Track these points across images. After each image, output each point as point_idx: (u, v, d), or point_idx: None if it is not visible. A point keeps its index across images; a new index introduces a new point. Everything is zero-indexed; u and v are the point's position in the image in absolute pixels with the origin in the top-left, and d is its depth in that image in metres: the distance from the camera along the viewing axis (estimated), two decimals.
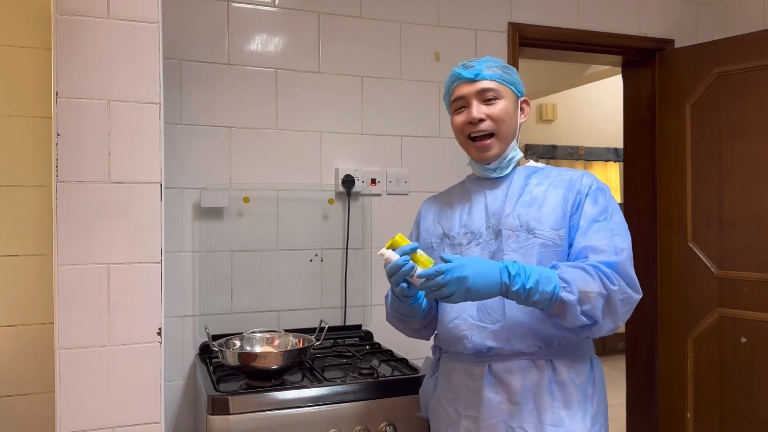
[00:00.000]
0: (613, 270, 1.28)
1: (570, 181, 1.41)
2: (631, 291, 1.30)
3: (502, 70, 1.45)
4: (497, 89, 1.43)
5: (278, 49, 2.21)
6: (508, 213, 1.41)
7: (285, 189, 2.21)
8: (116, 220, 1.36)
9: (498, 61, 1.47)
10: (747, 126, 2.50)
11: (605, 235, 1.33)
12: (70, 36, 1.33)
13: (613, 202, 1.40)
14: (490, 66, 1.45)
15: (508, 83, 1.45)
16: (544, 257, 1.35)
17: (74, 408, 1.33)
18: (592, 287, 1.24)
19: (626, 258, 1.32)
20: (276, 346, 1.88)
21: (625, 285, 1.29)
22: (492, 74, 1.43)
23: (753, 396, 2.47)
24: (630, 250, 1.34)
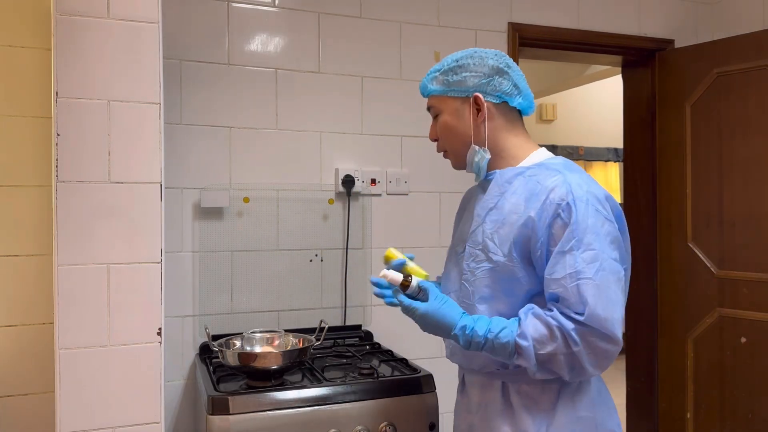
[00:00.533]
0: (579, 325, 1.12)
1: (535, 195, 1.22)
2: (603, 344, 1.13)
3: (439, 78, 1.33)
4: (436, 105, 1.35)
5: (278, 49, 2.21)
6: (477, 226, 1.31)
7: (285, 189, 2.21)
8: (116, 220, 1.36)
9: (444, 65, 1.34)
10: (747, 126, 2.50)
11: (570, 278, 1.14)
12: (70, 36, 1.33)
13: (590, 219, 1.17)
14: (434, 77, 1.35)
15: (444, 92, 1.33)
16: (491, 282, 1.25)
17: (74, 408, 1.33)
18: (550, 349, 1.14)
19: (593, 306, 1.12)
20: (276, 346, 1.88)
21: (597, 340, 1.12)
22: (433, 88, 1.35)
23: (753, 396, 2.47)
24: (604, 287, 1.14)
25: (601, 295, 1.13)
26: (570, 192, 1.18)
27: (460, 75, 1.31)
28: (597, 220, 1.17)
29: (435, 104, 1.36)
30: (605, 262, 1.15)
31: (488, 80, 1.31)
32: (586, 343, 1.13)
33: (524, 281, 1.23)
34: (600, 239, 1.16)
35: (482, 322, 1.20)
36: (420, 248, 2.35)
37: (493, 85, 1.31)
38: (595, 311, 1.12)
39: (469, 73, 1.31)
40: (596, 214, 1.18)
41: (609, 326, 1.12)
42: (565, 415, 1.24)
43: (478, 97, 1.30)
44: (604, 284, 1.14)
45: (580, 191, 1.19)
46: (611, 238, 1.19)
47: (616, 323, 1.13)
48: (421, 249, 2.35)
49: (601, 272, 1.15)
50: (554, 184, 1.21)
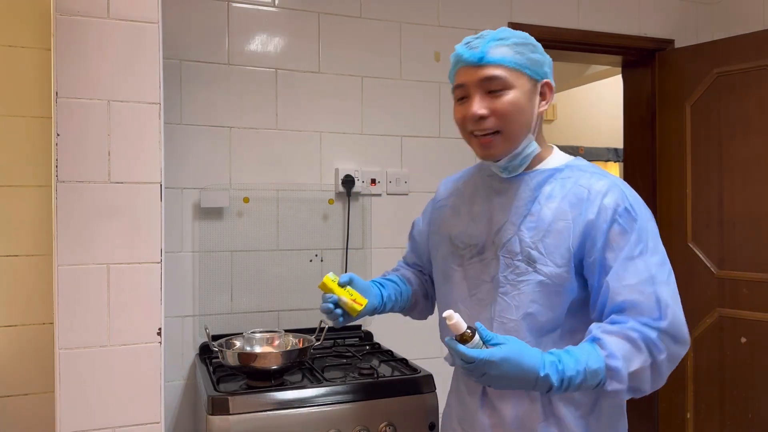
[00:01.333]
0: (660, 333, 1.08)
1: (586, 200, 1.15)
2: (678, 348, 1.11)
3: (514, 49, 1.17)
4: (504, 78, 1.16)
5: (278, 49, 2.21)
6: (510, 236, 1.20)
7: (285, 189, 2.21)
8: (116, 220, 1.36)
9: (510, 36, 1.19)
10: (747, 126, 2.50)
11: (646, 283, 1.09)
12: (70, 36, 1.33)
13: (649, 223, 1.15)
14: (499, 44, 1.17)
15: (522, 66, 1.17)
16: (540, 297, 1.15)
17: (74, 408, 1.33)
18: (639, 364, 1.07)
19: (673, 311, 1.09)
20: (276, 346, 1.88)
21: (674, 345, 1.10)
22: (499, 58, 1.16)
23: (753, 396, 2.47)
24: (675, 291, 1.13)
25: (677, 298, 1.12)
26: (625, 197, 1.14)
27: (527, 56, 1.18)
28: (653, 224, 1.15)
29: (507, 77, 1.16)
30: (670, 267, 1.15)
31: (550, 71, 1.23)
32: (667, 351, 1.09)
33: (570, 292, 1.15)
34: (660, 243, 1.15)
35: (563, 355, 1.06)
36: None
37: (551, 78, 1.24)
38: (676, 315, 1.10)
39: (542, 57, 1.21)
40: (652, 218, 1.16)
41: (685, 330, 1.11)
42: (601, 415, 1.20)
43: (551, 84, 1.22)
44: (675, 288, 1.13)
45: (633, 196, 1.16)
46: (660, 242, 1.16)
47: (686, 325, 1.12)
48: None
49: (671, 276, 1.14)
50: (605, 188, 1.15)
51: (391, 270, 1.57)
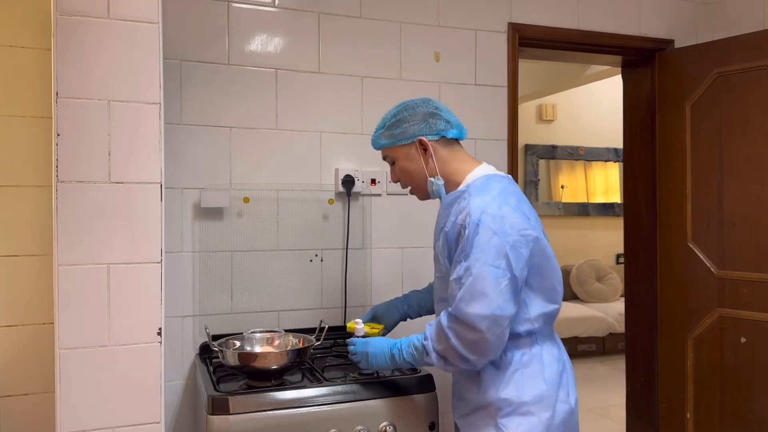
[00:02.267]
0: (452, 321, 1.45)
1: (455, 218, 1.53)
2: (470, 335, 1.43)
3: (387, 133, 1.62)
4: (390, 155, 1.65)
5: (278, 49, 2.22)
6: (435, 243, 1.65)
7: (285, 189, 2.21)
8: (116, 220, 1.36)
9: (384, 123, 1.64)
10: (747, 126, 2.50)
11: (454, 282, 1.47)
12: (70, 36, 1.33)
13: (480, 234, 1.44)
14: (379, 134, 1.65)
15: (393, 143, 1.61)
16: (443, 288, 1.58)
17: (74, 408, 1.33)
18: (442, 346, 1.47)
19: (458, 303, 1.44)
20: (276, 346, 1.88)
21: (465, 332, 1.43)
22: (382, 142, 1.64)
23: (753, 396, 2.47)
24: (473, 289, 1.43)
25: (466, 293, 1.43)
26: (468, 214, 1.48)
27: (401, 127, 1.60)
28: (484, 236, 1.44)
29: (389, 154, 1.66)
30: (476, 269, 1.43)
31: (424, 124, 1.59)
32: (455, 335, 1.45)
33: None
34: (482, 253, 1.43)
35: (404, 339, 1.57)
36: (420, 248, 2.35)
37: (429, 126, 1.59)
38: (458, 306, 1.44)
39: (407, 123, 1.60)
40: (486, 231, 1.44)
41: (470, 318, 1.42)
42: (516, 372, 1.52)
43: (422, 139, 1.59)
44: (474, 284, 1.42)
45: (476, 214, 1.46)
46: (495, 250, 1.43)
47: (477, 316, 1.41)
48: (420, 249, 2.35)
49: (471, 277, 1.43)
50: (462, 207, 1.51)
51: None
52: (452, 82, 2.43)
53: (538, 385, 1.51)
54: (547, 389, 1.51)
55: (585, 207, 6.39)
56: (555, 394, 1.52)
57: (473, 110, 2.45)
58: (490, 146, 2.46)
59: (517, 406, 1.49)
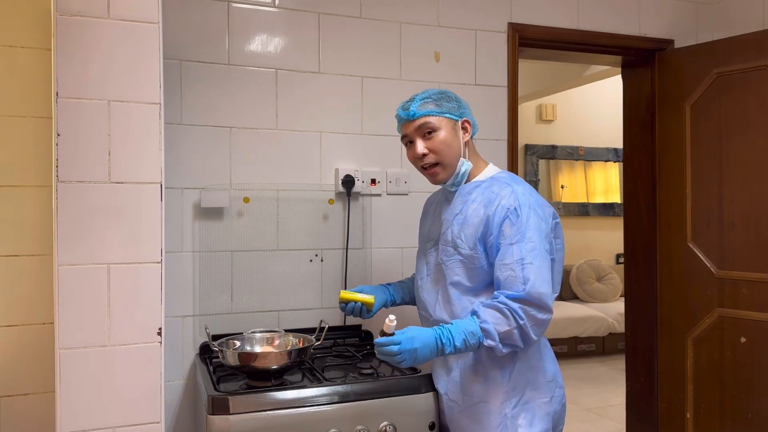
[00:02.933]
0: (521, 302, 1.48)
1: (491, 202, 1.58)
2: (540, 315, 1.49)
3: (434, 103, 1.65)
4: (432, 123, 1.64)
5: (278, 50, 2.22)
6: (446, 228, 1.67)
7: (285, 189, 2.21)
8: (116, 220, 1.36)
9: (431, 94, 1.66)
10: (747, 126, 2.50)
11: (515, 264, 1.51)
12: (70, 36, 1.34)
13: (531, 220, 1.53)
14: (423, 102, 1.66)
15: (443, 113, 1.64)
16: (464, 272, 1.61)
17: (74, 408, 1.34)
18: (507, 327, 1.47)
19: (533, 283, 1.48)
20: (276, 346, 1.88)
21: (535, 312, 1.48)
22: (425, 110, 1.64)
23: (753, 396, 2.47)
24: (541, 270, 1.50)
25: (541, 276, 1.50)
26: (517, 199, 1.56)
27: (452, 102, 1.67)
28: (535, 221, 1.54)
29: (433, 122, 1.64)
30: (539, 252, 1.52)
31: (466, 110, 1.70)
32: (528, 316, 1.48)
33: (481, 268, 1.59)
34: (537, 235, 1.53)
35: (450, 326, 1.50)
36: None
37: (468, 115, 1.69)
38: (535, 288, 1.48)
39: (455, 103, 1.68)
40: (535, 216, 1.55)
41: (544, 298, 1.49)
42: (522, 364, 1.60)
43: (468, 121, 1.68)
44: (540, 267, 1.50)
45: (524, 199, 1.56)
46: (545, 234, 1.56)
47: (548, 296, 1.50)
48: None
49: (538, 258, 1.51)
50: (505, 193, 1.58)
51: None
52: (452, 82, 2.43)
53: (540, 373, 1.62)
54: (547, 377, 1.63)
55: (585, 207, 6.39)
56: (554, 380, 1.64)
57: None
58: (490, 146, 2.46)
59: (521, 396, 1.58)
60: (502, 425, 1.56)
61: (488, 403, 1.58)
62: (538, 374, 1.61)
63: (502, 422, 1.56)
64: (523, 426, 1.56)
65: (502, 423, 1.56)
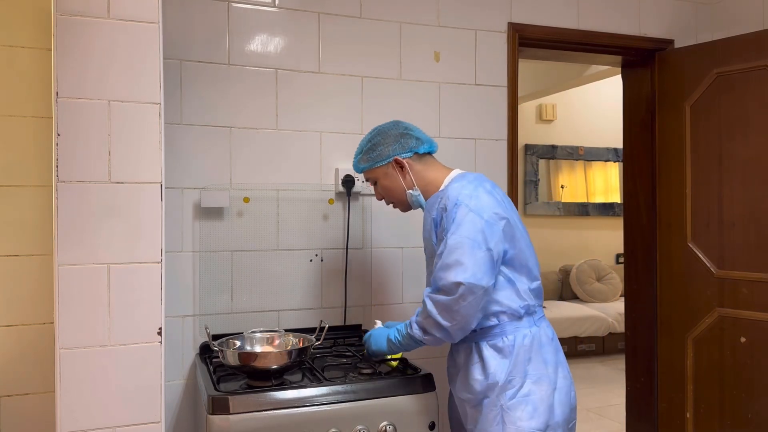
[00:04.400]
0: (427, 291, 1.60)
1: (437, 206, 1.67)
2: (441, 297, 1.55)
3: (365, 157, 1.77)
4: (371, 176, 1.80)
5: (278, 50, 2.22)
6: (425, 247, 1.79)
7: (285, 189, 2.21)
8: (116, 220, 1.36)
9: (362, 148, 1.79)
10: (747, 126, 2.50)
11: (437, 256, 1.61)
12: (70, 36, 1.33)
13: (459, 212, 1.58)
14: (358, 160, 1.80)
15: (371, 165, 1.76)
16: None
17: (74, 408, 1.34)
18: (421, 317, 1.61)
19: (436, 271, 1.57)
20: (276, 345, 1.88)
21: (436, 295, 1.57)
22: (362, 166, 1.79)
23: (753, 396, 2.47)
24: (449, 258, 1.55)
25: (443, 263, 1.56)
26: (447, 198, 1.64)
27: (376, 150, 1.75)
28: (461, 214, 1.58)
29: (370, 176, 1.81)
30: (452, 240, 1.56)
31: (397, 144, 1.75)
32: (432, 302, 1.57)
33: None
34: (459, 226, 1.57)
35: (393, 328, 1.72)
36: (419, 248, 2.35)
37: (401, 146, 1.75)
38: (436, 275, 1.57)
39: (382, 146, 1.75)
40: (461, 209, 1.59)
41: (445, 284, 1.54)
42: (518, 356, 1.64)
43: (397, 158, 1.75)
44: (449, 256, 1.55)
45: (453, 196, 1.62)
46: (471, 224, 1.57)
47: (452, 283, 1.53)
48: (420, 249, 2.35)
49: (447, 248, 1.56)
50: (441, 197, 1.67)
51: None
52: (452, 82, 2.43)
53: (539, 366, 1.64)
54: (547, 370, 1.65)
55: (585, 207, 6.39)
56: (555, 373, 1.66)
57: (473, 110, 2.46)
58: (490, 146, 2.46)
59: (519, 388, 1.61)
60: (499, 417, 1.60)
61: (489, 397, 1.63)
62: (538, 366, 1.64)
63: (499, 414, 1.60)
64: (522, 419, 1.59)
65: (498, 415, 1.60)
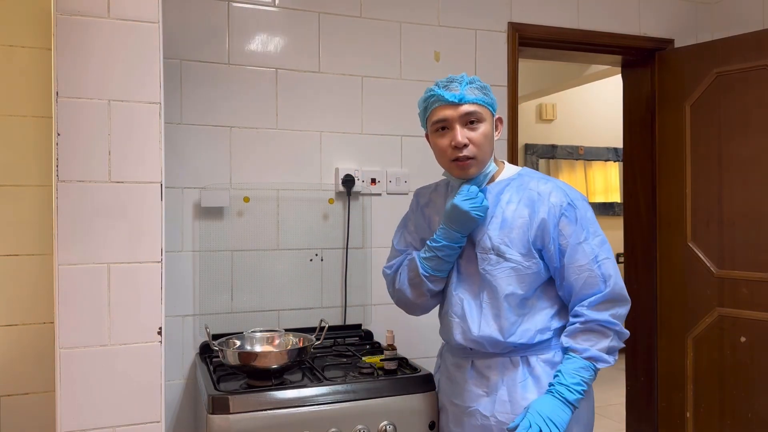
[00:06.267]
0: (607, 304, 1.42)
1: (537, 201, 1.47)
2: (620, 308, 1.44)
3: (482, 91, 1.49)
4: (480, 112, 1.47)
5: (278, 49, 2.22)
6: (482, 236, 1.49)
7: (285, 189, 2.21)
8: (116, 220, 1.36)
9: (476, 80, 1.51)
10: (746, 126, 2.50)
11: (591, 263, 1.43)
12: (70, 36, 1.33)
13: (588, 212, 1.47)
14: (472, 88, 1.48)
15: (488, 104, 1.49)
16: (517, 281, 1.46)
17: (74, 408, 1.33)
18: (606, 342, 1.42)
19: (615, 279, 1.43)
20: (276, 345, 1.88)
21: (619, 309, 1.44)
22: (474, 97, 1.47)
23: (753, 396, 2.47)
24: (613, 260, 1.46)
25: (614, 269, 1.44)
26: (566, 195, 1.47)
27: (490, 97, 1.51)
28: (591, 213, 1.48)
29: (480, 112, 1.47)
30: (608, 244, 1.46)
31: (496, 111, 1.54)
32: (617, 317, 1.42)
33: (536, 274, 1.47)
34: (598, 227, 1.47)
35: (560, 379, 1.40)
36: None
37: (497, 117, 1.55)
38: (616, 283, 1.42)
39: (493, 98, 1.53)
40: (589, 208, 1.48)
41: (624, 292, 1.44)
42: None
43: (501, 119, 1.55)
44: (613, 260, 1.44)
45: (573, 193, 1.48)
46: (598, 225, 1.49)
47: (624, 286, 1.45)
48: None
49: (610, 251, 1.45)
50: (549, 189, 1.48)
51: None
52: None
53: None
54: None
55: None
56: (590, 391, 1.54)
57: None
58: None
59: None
60: None
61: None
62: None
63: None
64: None
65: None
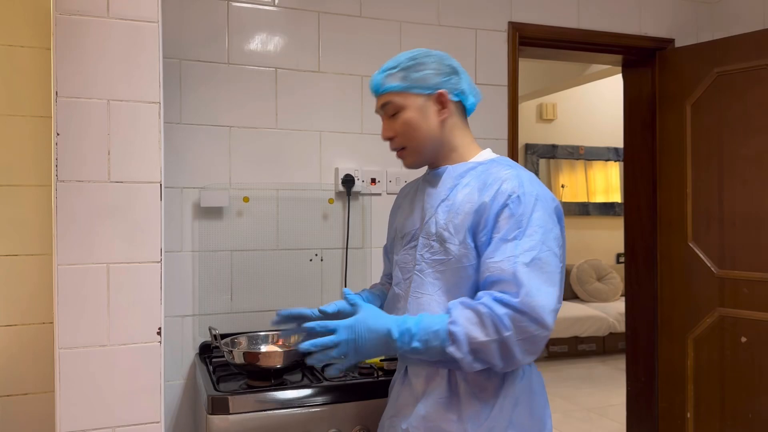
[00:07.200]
0: (511, 309, 1.14)
1: (488, 186, 1.26)
2: (534, 328, 1.14)
3: (404, 72, 1.33)
4: (397, 102, 1.34)
5: (278, 49, 2.21)
6: (429, 217, 1.33)
7: (285, 189, 2.21)
8: (116, 220, 1.36)
9: (401, 62, 1.34)
10: (747, 125, 2.50)
11: (510, 262, 1.17)
12: (70, 36, 1.33)
13: (536, 213, 1.22)
14: (389, 74, 1.34)
15: (408, 88, 1.33)
16: (451, 275, 1.28)
17: (74, 408, 1.33)
18: (482, 337, 1.15)
19: (527, 292, 1.14)
20: (281, 345, 1.88)
21: (528, 323, 1.14)
22: (391, 85, 1.34)
23: (753, 396, 2.47)
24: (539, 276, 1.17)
25: (539, 284, 1.16)
26: (521, 185, 1.24)
27: (421, 72, 1.33)
28: (541, 215, 1.22)
29: (396, 100, 1.34)
30: (544, 254, 1.19)
31: (448, 78, 1.35)
32: (516, 329, 1.14)
33: (471, 268, 1.26)
34: (542, 232, 1.21)
35: (416, 320, 1.20)
36: None
37: (452, 84, 1.35)
38: (531, 296, 1.14)
39: (429, 70, 1.34)
40: (542, 210, 1.23)
41: (541, 312, 1.14)
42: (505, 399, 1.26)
43: (444, 93, 1.34)
44: (540, 273, 1.17)
45: (530, 187, 1.25)
46: (554, 235, 1.24)
47: (547, 310, 1.15)
48: None
49: (538, 262, 1.18)
50: (507, 176, 1.26)
51: (378, 283, 1.72)
52: None
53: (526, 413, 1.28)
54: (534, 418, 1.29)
55: (585, 206, 6.39)
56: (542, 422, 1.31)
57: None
58: (490, 145, 2.40)
59: None
60: None
61: None
62: (522, 413, 1.27)
63: None
64: None
65: None
